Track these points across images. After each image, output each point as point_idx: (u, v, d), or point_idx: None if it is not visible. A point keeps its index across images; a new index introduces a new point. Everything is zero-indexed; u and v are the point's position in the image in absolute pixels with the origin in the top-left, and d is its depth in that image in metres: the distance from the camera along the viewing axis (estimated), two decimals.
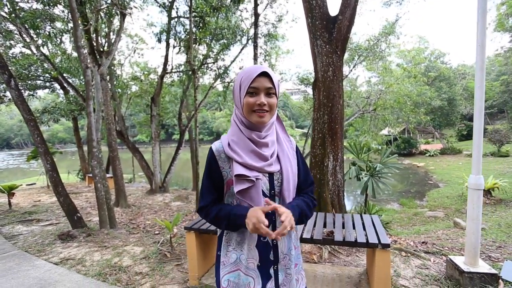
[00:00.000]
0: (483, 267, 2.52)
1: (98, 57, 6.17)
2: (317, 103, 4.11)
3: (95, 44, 6.38)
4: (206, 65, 9.39)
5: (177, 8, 7.81)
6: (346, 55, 10.31)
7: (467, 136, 24.42)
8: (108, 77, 8.18)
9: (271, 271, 0.99)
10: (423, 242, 4.34)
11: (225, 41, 8.94)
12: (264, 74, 0.96)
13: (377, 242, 2.05)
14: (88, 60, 5.84)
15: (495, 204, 9.24)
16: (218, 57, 9.43)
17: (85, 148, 13.02)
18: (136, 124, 18.16)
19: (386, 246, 2.03)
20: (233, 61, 10.39)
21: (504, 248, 4.72)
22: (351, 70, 10.13)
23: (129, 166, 15.90)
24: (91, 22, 5.93)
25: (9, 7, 5.83)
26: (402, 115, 11.15)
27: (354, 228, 2.37)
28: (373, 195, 4.67)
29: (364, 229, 2.34)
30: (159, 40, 8.63)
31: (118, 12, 4.94)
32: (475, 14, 2.46)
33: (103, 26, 6.90)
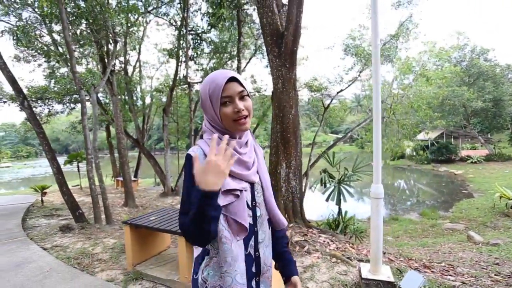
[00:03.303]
0: (383, 275, 2.56)
1: (110, 76, 7.21)
2: (274, 114, 4.38)
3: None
4: None
5: (183, 26, 8.63)
6: (352, 60, 10.15)
7: None
8: (125, 92, 9.35)
9: (253, 283, 0.96)
10: (383, 253, 4.25)
11: (229, 54, 9.53)
12: (232, 79, 0.92)
13: None
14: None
15: None
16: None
17: (116, 154, 14.71)
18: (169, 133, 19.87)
19: None
20: (242, 70, 10.97)
21: (501, 266, 4.39)
22: (359, 74, 9.92)
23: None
24: (103, 45, 6.99)
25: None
26: (418, 120, 10.45)
27: None
28: (336, 202, 4.70)
29: None
30: (170, 56, 9.56)
31: (112, 40, 5.81)
32: None
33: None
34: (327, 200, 4.80)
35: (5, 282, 2.94)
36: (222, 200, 0.89)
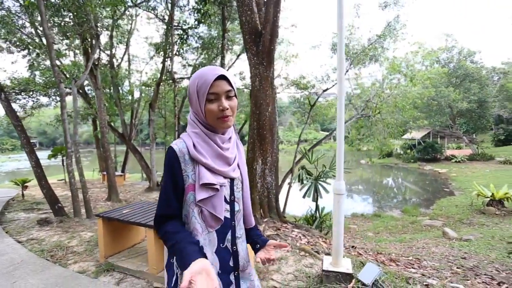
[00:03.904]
0: (343, 267, 2.68)
1: (94, 70, 7.15)
2: (251, 111, 4.45)
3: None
4: None
5: (169, 22, 8.58)
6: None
7: (505, 141, 22.09)
8: (111, 85, 9.27)
9: (232, 277, 0.97)
10: (352, 247, 4.41)
11: (217, 50, 9.53)
12: (221, 77, 0.93)
13: None
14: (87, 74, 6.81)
15: (505, 216, 8.66)
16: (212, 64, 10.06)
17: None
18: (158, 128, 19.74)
19: None
20: (230, 66, 11.00)
21: (467, 260, 4.62)
22: (347, 71, 10.08)
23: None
24: (87, 38, 6.91)
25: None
26: (402, 119, 10.69)
27: None
28: (313, 199, 4.83)
29: None
30: (157, 51, 9.50)
31: (94, 33, 5.77)
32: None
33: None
34: (304, 196, 4.92)
35: None
36: (200, 194, 0.92)
